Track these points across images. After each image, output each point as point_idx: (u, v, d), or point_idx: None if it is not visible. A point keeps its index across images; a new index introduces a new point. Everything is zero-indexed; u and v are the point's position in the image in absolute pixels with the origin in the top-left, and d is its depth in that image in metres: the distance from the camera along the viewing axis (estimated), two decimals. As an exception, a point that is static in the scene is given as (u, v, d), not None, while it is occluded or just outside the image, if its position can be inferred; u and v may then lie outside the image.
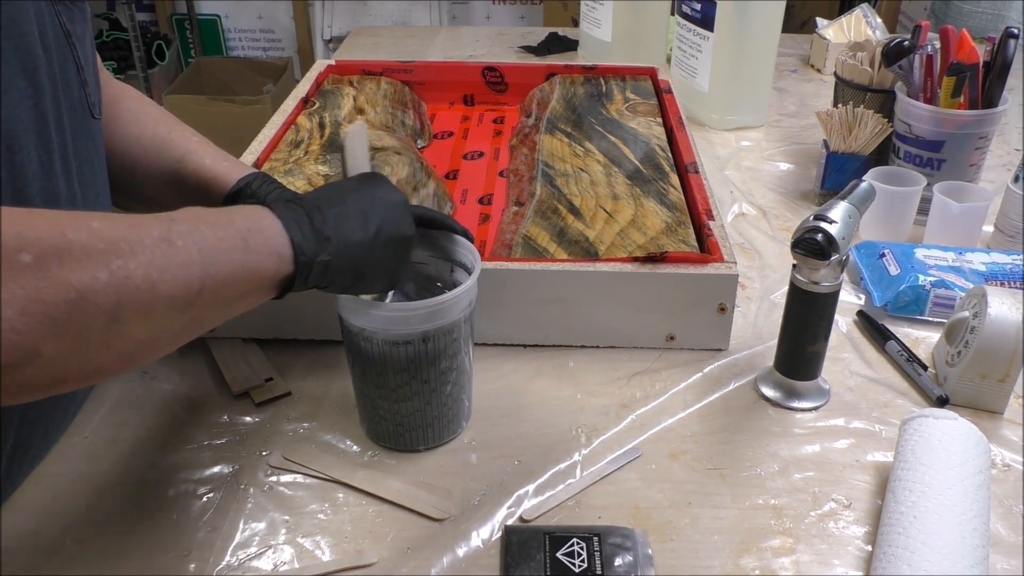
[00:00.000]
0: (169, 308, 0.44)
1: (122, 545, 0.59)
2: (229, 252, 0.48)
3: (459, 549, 0.59)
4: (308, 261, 0.52)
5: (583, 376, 0.76)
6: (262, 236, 0.51)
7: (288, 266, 0.52)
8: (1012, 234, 0.94)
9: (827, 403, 0.73)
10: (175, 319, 0.45)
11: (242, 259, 0.49)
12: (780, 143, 1.26)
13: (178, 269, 0.44)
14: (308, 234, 0.53)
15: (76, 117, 0.60)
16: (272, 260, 0.51)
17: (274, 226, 0.52)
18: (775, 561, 0.58)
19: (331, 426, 0.69)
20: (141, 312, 0.43)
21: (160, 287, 0.43)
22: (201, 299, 0.46)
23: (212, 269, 0.46)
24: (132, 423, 0.69)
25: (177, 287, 0.44)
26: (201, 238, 0.46)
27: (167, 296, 0.44)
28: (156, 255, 0.44)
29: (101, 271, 0.41)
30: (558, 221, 0.86)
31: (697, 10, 1.27)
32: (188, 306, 0.46)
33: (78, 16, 0.60)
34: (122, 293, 0.42)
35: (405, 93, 1.22)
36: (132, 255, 0.42)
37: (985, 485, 0.59)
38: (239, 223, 0.50)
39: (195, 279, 0.45)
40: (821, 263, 0.65)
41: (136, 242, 0.43)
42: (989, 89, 0.96)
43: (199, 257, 0.46)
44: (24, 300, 0.38)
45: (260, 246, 0.50)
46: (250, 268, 0.49)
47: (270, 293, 0.53)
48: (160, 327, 0.45)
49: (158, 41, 2.95)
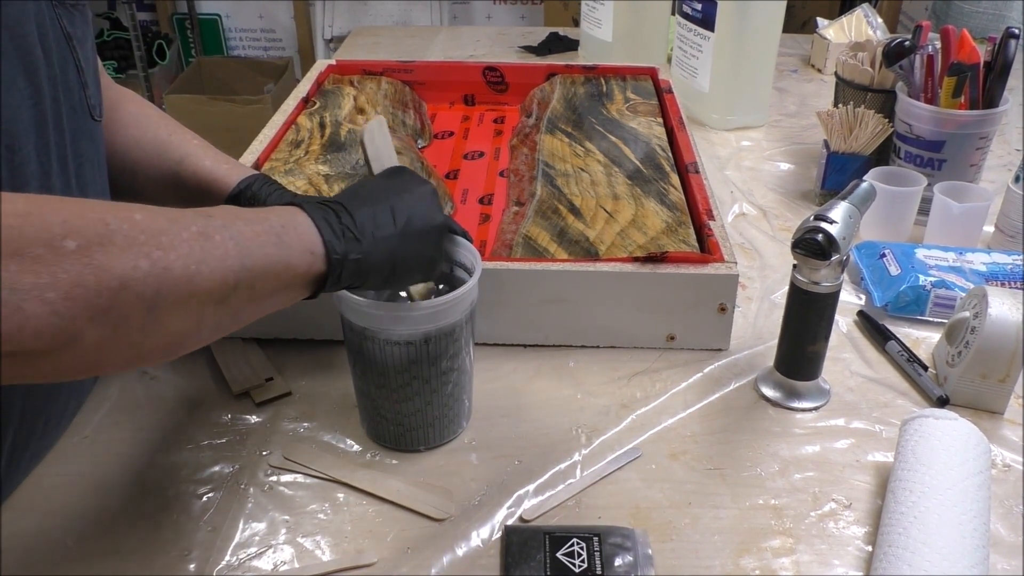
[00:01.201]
0: (206, 301, 0.45)
1: (122, 545, 0.59)
2: (264, 247, 0.49)
3: (459, 549, 0.59)
4: (339, 259, 0.53)
5: (583, 376, 0.76)
6: (295, 232, 0.51)
7: (320, 264, 0.52)
8: (1012, 234, 0.94)
9: (827, 403, 0.73)
10: (211, 312, 0.46)
11: (277, 254, 0.49)
12: (781, 143, 1.26)
13: (216, 262, 0.45)
14: (338, 232, 0.53)
15: (76, 118, 0.60)
16: (305, 257, 0.51)
17: (306, 223, 0.52)
18: (775, 561, 0.58)
19: (331, 426, 0.69)
20: (179, 303, 0.44)
21: (198, 279, 0.44)
22: (237, 293, 0.47)
23: (248, 263, 0.47)
24: (132, 423, 0.69)
25: (214, 280, 0.45)
26: (238, 233, 0.47)
27: (204, 288, 0.45)
28: (195, 248, 0.44)
29: (142, 261, 0.42)
30: (558, 221, 0.86)
31: (698, 10, 1.27)
32: (224, 299, 0.46)
33: (79, 19, 0.60)
34: (162, 283, 0.42)
35: (405, 93, 1.22)
36: (172, 247, 0.43)
37: (985, 485, 0.59)
38: (273, 220, 0.51)
39: (231, 272, 0.46)
40: (821, 263, 0.65)
41: (175, 235, 0.44)
42: (990, 89, 0.96)
43: (236, 251, 0.47)
44: (68, 285, 0.39)
45: (294, 241, 0.51)
46: (284, 263, 0.50)
47: (303, 291, 0.53)
48: (197, 320, 0.46)
49: (159, 41, 2.95)
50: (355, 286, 0.56)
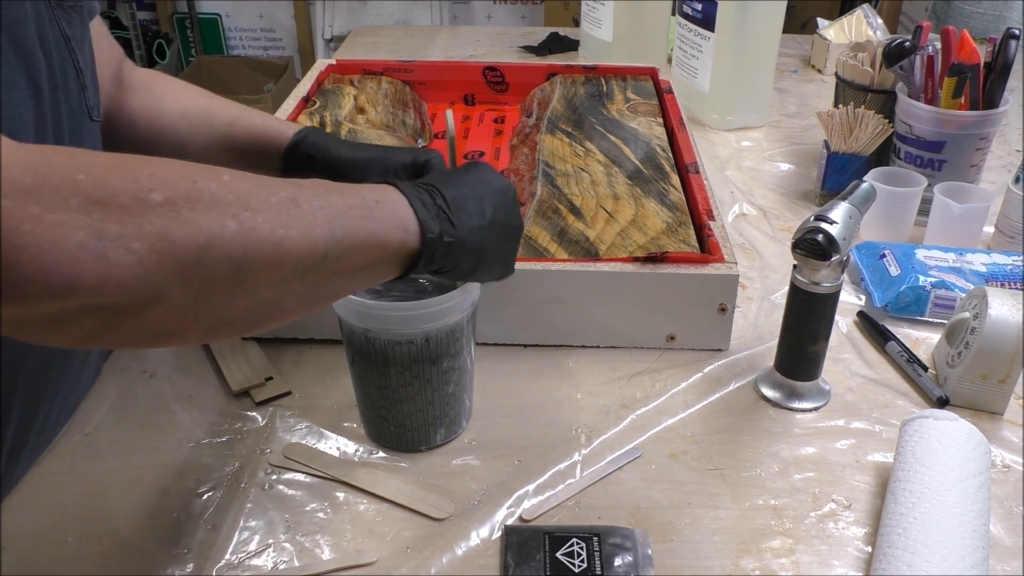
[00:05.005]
0: (294, 268, 0.44)
1: (122, 543, 0.59)
2: (356, 220, 0.47)
3: (459, 549, 0.59)
4: (434, 239, 0.52)
5: (583, 376, 0.75)
6: (389, 208, 0.50)
7: (414, 241, 0.51)
8: (1012, 235, 0.94)
9: (827, 404, 0.73)
10: (299, 282, 0.45)
11: (369, 228, 0.48)
12: (781, 143, 1.26)
13: (305, 229, 0.44)
14: (433, 212, 0.52)
15: (75, 119, 0.60)
16: (398, 233, 0.50)
17: (400, 200, 0.51)
18: (775, 561, 0.58)
19: (331, 425, 0.69)
20: (267, 268, 0.43)
21: (286, 244, 0.43)
22: (326, 264, 0.46)
23: (339, 233, 0.46)
24: (132, 421, 0.69)
25: (303, 247, 0.44)
26: (328, 203, 0.46)
27: (293, 254, 0.43)
28: (283, 213, 0.43)
29: (229, 220, 0.41)
30: (559, 221, 0.86)
31: (698, 10, 1.27)
32: (313, 269, 0.45)
33: (77, 20, 0.60)
34: (249, 245, 0.41)
35: (406, 92, 1.22)
36: (260, 210, 0.42)
37: (985, 486, 0.59)
38: (366, 194, 0.49)
39: (321, 242, 0.45)
40: (822, 263, 0.65)
41: (264, 199, 0.43)
42: (990, 90, 0.96)
43: (326, 221, 0.45)
44: (154, 237, 0.38)
45: (387, 217, 0.49)
46: (376, 237, 0.48)
47: (393, 269, 0.52)
48: (284, 289, 0.44)
49: (159, 40, 2.95)
50: (443, 270, 0.55)
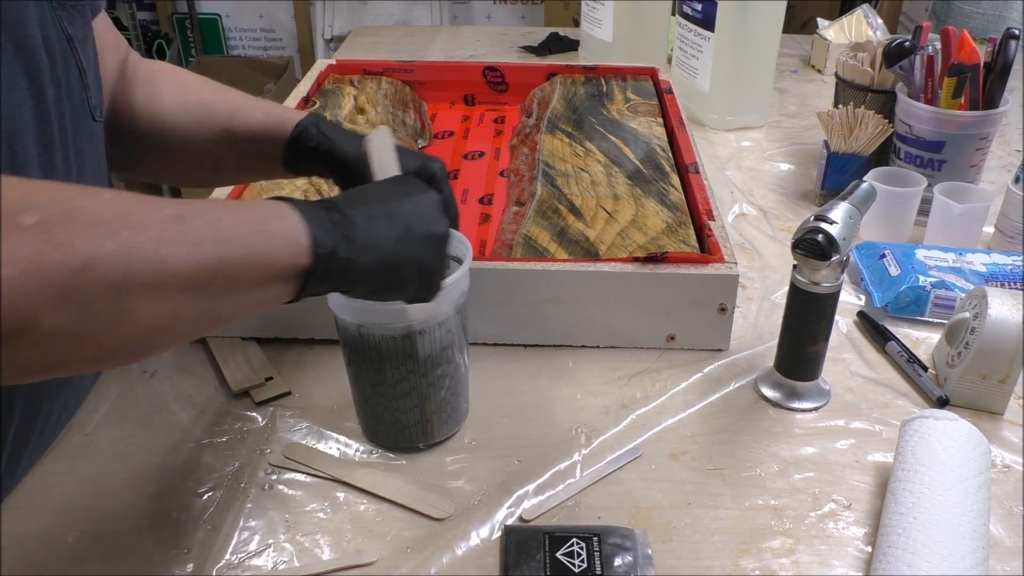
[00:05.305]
0: (181, 289, 0.42)
1: (122, 543, 0.59)
2: (247, 236, 0.45)
3: (459, 549, 0.59)
4: (327, 254, 0.50)
5: (583, 376, 0.75)
6: (281, 222, 0.48)
7: (306, 257, 0.49)
8: (1012, 235, 0.94)
9: (827, 404, 0.73)
10: (188, 304, 0.43)
11: (260, 242, 0.46)
12: (781, 143, 1.26)
13: (191, 246, 0.42)
14: (327, 228, 0.50)
15: (78, 119, 0.60)
16: (290, 248, 0.48)
17: (293, 215, 0.49)
18: (775, 562, 0.58)
19: (331, 425, 0.69)
20: (150, 289, 0.41)
21: (171, 262, 0.41)
22: (215, 283, 0.44)
23: (226, 250, 0.44)
24: (132, 421, 0.69)
25: (189, 265, 0.42)
26: (216, 219, 0.44)
27: (178, 273, 0.41)
28: (166, 229, 0.41)
29: (108, 240, 0.39)
30: (559, 221, 0.86)
31: (698, 10, 1.27)
32: (201, 289, 0.43)
33: (79, 20, 0.60)
34: (130, 265, 0.39)
35: (406, 93, 1.22)
36: (142, 227, 0.40)
37: (985, 486, 0.59)
38: (258, 210, 0.48)
39: (209, 259, 0.43)
40: (822, 264, 0.65)
41: (147, 216, 0.41)
42: (990, 90, 0.96)
43: (213, 236, 0.43)
44: (24, 261, 0.36)
45: (278, 231, 0.48)
46: (268, 253, 0.46)
47: (288, 288, 0.49)
48: (172, 311, 0.42)
49: (159, 40, 2.95)
50: (346, 290, 0.54)
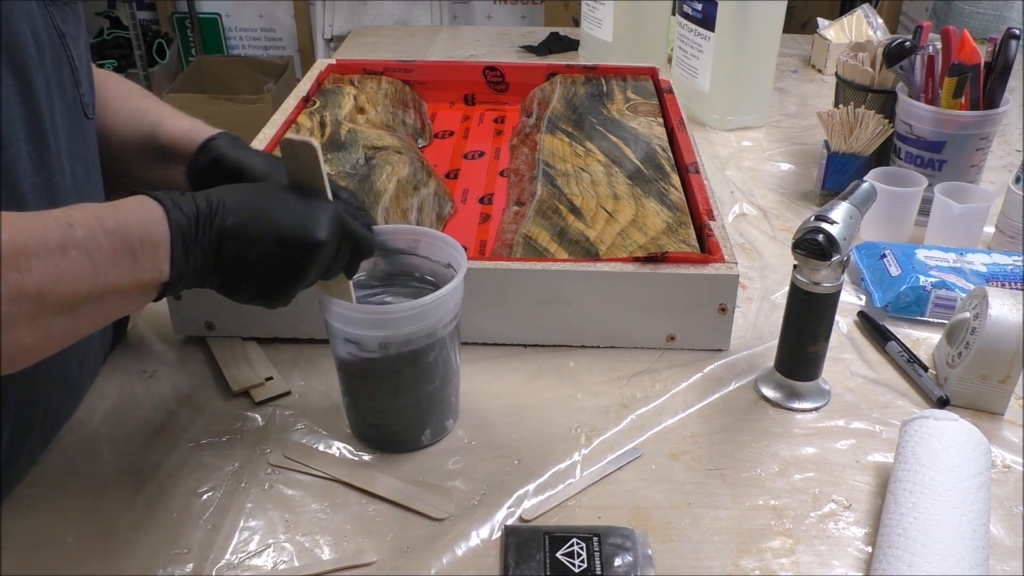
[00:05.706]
0: (54, 316, 0.46)
1: (122, 543, 0.59)
2: (119, 265, 0.48)
3: (459, 549, 0.59)
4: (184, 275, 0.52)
5: (583, 376, 0.75)
6: (151, 246, 0.50)
7: (166, 276, 0.51)
8: (1013, 235, 0.94)
9: (827, 404, 0.73)
10: (59, 325, 0.47)
11: (129, 272, 0.49)
12: (781, 143, 1.26)
13: (69, 282, 0.46)
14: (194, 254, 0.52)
15: (70, 116, 0.60)
16: (153, 273, 0.50)
17: (164, 238, 0.50)
18: (775, 562, 0.58)
19: (331, 425, 0.69)
20: (29, 320, 0.45)
21: (50, 298, 0.45)
22: (87, 307, 0.48)
23: (100, 281, 0.47)
24: (132, 421, 0.69)
25: (66, 298, 0.46)
26: (96, 248, 0.47)
27: (55, 305, 0.46)
28: (50, 268, 0.45)
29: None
30: (559, 221, 0.86)
31: (698, 10, 1.27)
32: (73, 313, 0.47)
33: (71, 17, 0.60)
34: (13, 305, 0.43)
35: (406, 92, 1.22)
36: (28, 269, 0.44)
37: (985, 486, 0.59)
38: (133, 233, 0.49)
39: (84, 290, 0.47)
40: (822, 264, 0.65)
41: (33, 253, 0.44)
42: (990, 90, 0.96)
43: (90, 270, 0.47)
44: None
45: (146, 260, 0.50)
46: (134, 280, 0.50)
47: (146, 301, 0.53)
48: (45, 334, 0.46)
49: (159, 40, 2.95)
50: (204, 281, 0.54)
